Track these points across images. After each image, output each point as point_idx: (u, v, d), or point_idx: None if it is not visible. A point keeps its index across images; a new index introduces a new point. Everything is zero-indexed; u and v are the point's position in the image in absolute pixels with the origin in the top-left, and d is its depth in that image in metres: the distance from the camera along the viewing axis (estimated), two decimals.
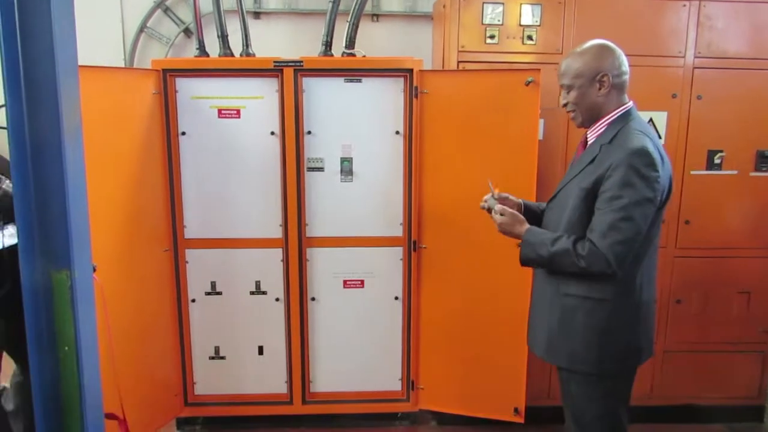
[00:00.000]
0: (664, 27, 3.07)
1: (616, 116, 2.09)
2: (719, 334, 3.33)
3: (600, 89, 2.08)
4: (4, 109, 1.45)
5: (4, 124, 1.46)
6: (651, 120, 3.09)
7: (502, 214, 2.19)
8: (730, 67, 3.10)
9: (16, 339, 1.81)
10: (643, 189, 1.93)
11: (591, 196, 2.02)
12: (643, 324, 2.12)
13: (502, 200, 2.32)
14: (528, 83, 2.86)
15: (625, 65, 2.11)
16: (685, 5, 3.04)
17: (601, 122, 2.11)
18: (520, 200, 2.37)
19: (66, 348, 1.54)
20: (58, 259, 1.50)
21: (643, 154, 1.94)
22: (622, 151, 1.96)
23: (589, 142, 2.15)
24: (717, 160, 3.16)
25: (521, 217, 2.20)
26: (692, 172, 3.17)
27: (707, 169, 3.17)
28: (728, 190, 3.20)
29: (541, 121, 3.03)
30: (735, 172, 3.18)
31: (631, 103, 2.13)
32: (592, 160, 2.06)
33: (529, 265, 2.20)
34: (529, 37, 3.06)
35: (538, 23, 3.04)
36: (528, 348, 2.35)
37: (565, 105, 2.18)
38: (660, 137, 3.11)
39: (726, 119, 3.13)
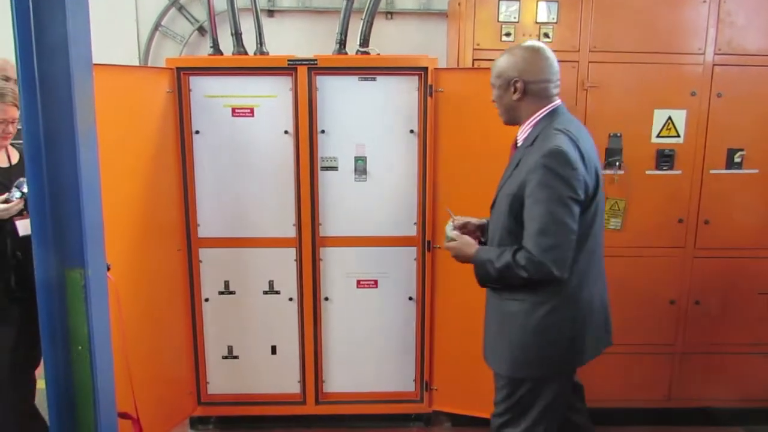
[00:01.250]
0: (683, 23, 3.02)
1: (540, 117, 2.08)
2: (738, 335, 3.27)
3: (514, 93, 2.08)
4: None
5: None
6: (670, 118, 3.05)
7: (453, 240, 2.20)
8: (751, 65, 3.04)
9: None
10: (562, 189, 1.91)
11: (517, 201, 2.01)
12: (584, 322, 2.08)
13: (462, 226, 2.31)
14: None
15: (550, 73, 2.07)
16: (705, 1, 2.99)
17: (527, 123, 2.10)
18: (483, 220, 2.35)
19: (79, 347, 1.53)
20: (72, 257, 1.50)
21: (556, 154, 1.92)
22: (538, 153, 1.95)
23: (518, 145, 2.14)
24: (737, 159, 3.10)
25: (468, 238, 2.21)
26: (711, 172, 3.11)
27: (727, 168, 3.11)
28: (749, 190, 3.13)
29: None
30: (756, 171, 3.12)
31: (558, 102, 2.10)
32: (517, 164, 2.06)
33: (487, 285, 2.16)
34: (546, 35, 3.02)
35: (554, 20, 3.00)
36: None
37: (494, 101, 2.19)
38: (678, 135, 3.07)
39: (746, 117, 3.07)
